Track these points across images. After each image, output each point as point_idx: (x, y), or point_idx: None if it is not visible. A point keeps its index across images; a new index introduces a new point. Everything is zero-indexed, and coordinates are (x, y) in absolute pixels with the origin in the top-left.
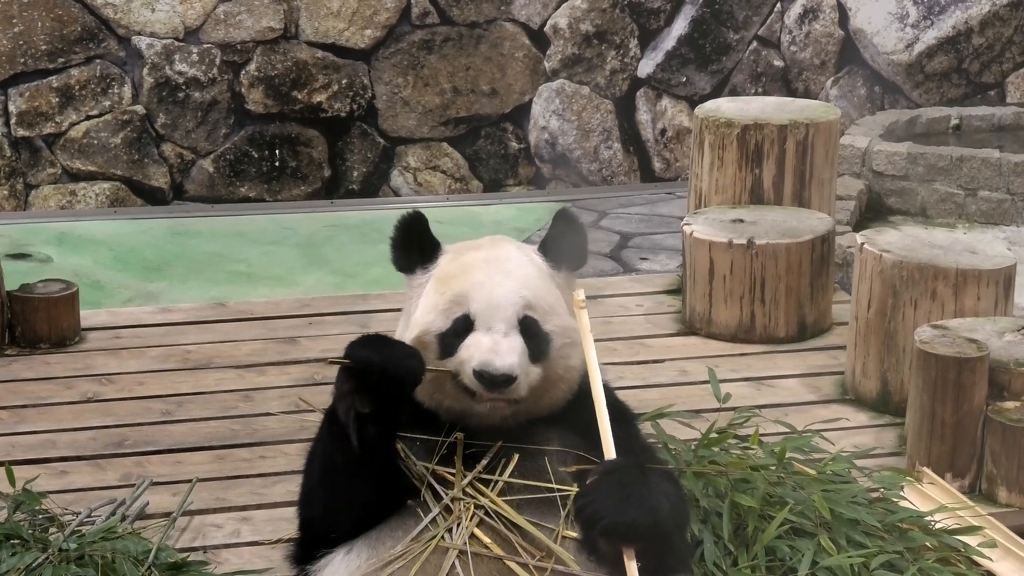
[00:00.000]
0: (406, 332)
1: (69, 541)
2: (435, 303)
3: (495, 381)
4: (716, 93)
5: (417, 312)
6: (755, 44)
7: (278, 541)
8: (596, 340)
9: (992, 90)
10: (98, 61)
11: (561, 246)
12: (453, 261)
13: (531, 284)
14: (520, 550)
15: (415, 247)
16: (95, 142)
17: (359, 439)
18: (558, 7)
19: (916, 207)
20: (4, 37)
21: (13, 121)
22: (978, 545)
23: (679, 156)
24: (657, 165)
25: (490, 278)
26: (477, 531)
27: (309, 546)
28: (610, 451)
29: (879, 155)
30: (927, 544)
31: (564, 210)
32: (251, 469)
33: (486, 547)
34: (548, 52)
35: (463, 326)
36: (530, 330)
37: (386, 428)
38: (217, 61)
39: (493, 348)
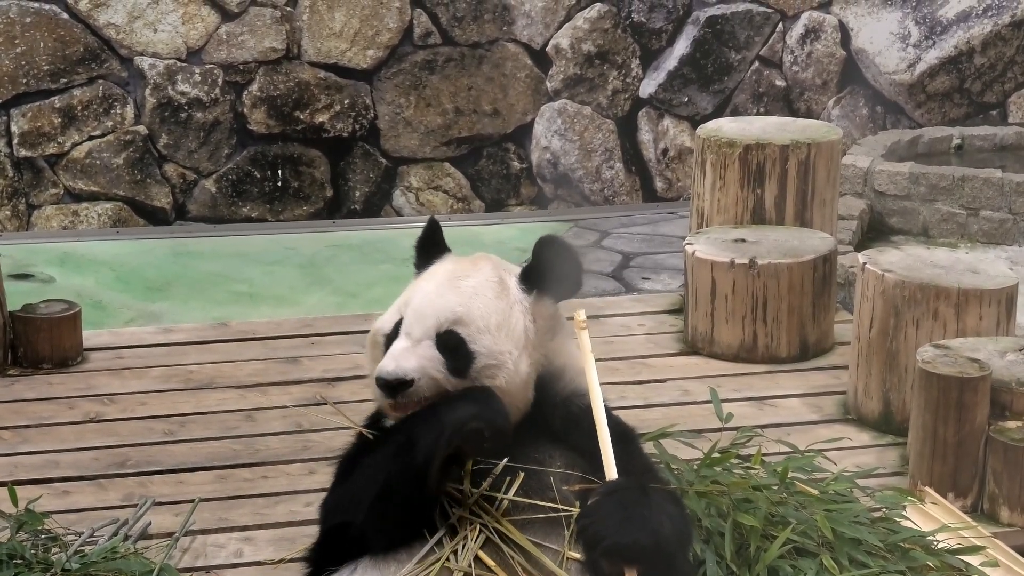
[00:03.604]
0: None
1: (72, 561)
2: (395, 304)
3: (389, 385)
4: (718, 113)
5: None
6: (757, 64)
7: (280, 561)
8: (598, 360)
9: (994, 110)
10: (100, 81)
11: (540, 273)
12: (433, 268)
13: (474, 302)
14: (524, 573)
15: (423, 250)
16: (97, 162)
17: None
18: (560, 27)
19: (918, 227)
20: (6, 58)
21: (16, 141)
22: (980, 565)
23: (681, 176)
24: (659, 185)
25: (434, 288)
26: (481, 553)
27: (322, 561)
28: (611, 471)
29: (881, 175)
30: (929, 564)
31: (547, 237)
32: (253, 489)
33: (490, 570)
34: (550, 72)
35: (397, 330)
36: (449, 344)
37: (455, 468)
38: (219, 81)
39: (392, 354)
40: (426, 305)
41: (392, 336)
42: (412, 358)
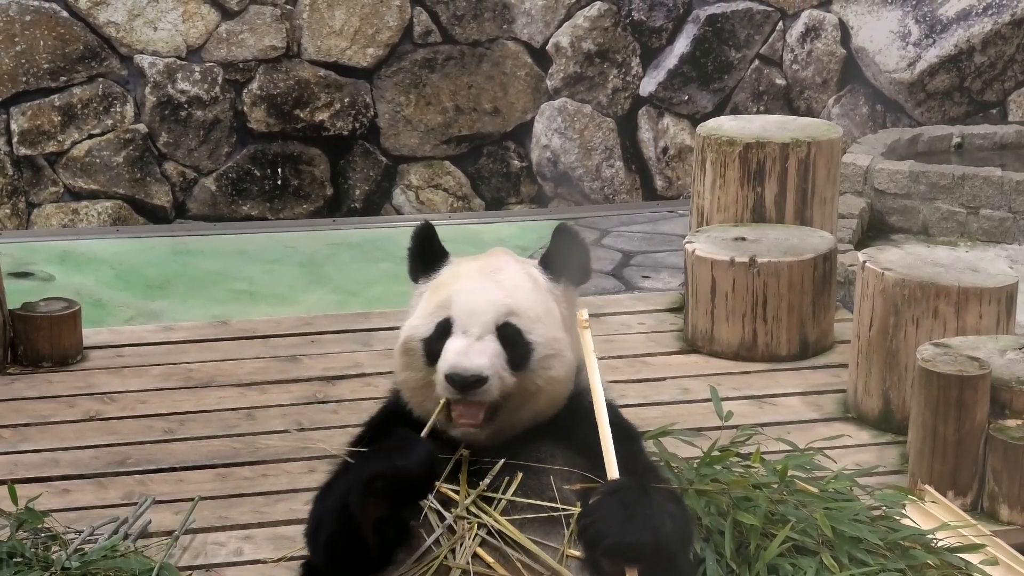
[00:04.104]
0: None
1: (72, 560)
2: (423, 309)
3: (465, 383)
4: (718, 111)
5: (409, 319)
6: (757, 63)
7: (280, 559)
8: (597, 358)
9: (994, 108)
10: (100, 80)
11: (561, 260)
12: (450, 271)
13: (518, 294)
14: (523, 570)
15: (421, 256)
16: (97, 161)
17: (377, 540)
18: (560, 26)
19: (918, 225)
20: (6, 56)
21: (15, 140)
22: (980, 563)
23: (681, 174)
24: (659, 183)
25: (475, 284)
26: (480, 551)
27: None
28: (613, 471)
29: (881, 173)
30: (929, 562)
31: (564, 225)
32: (253, 487)
33: (490, 567)
34: (550, 70)
35: (444, 330)
36: (509, 337)
37: (398, 519)
38: (219, 80)
39: (462, 350)
40: (478, 301)
41: (434, 340)
42: (483, 355)
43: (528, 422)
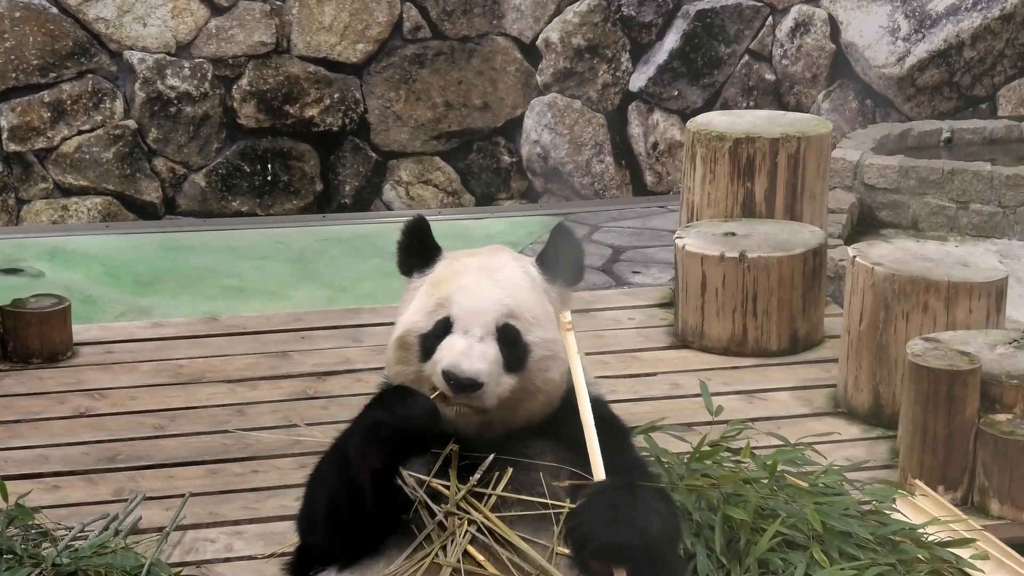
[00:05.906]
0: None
1: (62, 556)
2: (422, 305)
3: (460, 384)
4: (708, 107)
5: (405, 314)
6: (747, 58)
7: (271, 555)
8: (588, 353)
9: (983, 103)
10: (90, 76)
11: (558, 260)
12: (448, 266)
13: (518, 294)
14: (513, 568)
15: (415, 251)
16: (87, 157)
17: (373, 494)
18: (550, 21)
19: (908, 220)
20: None
21: (5, 136)
22: (970, 557)
23: (671, 170)
24: (649, 179)
25: (476, 283)
26: (470, 548)
27: (305, 562)
28: (599, 472)
29: (871, 168)
30: (919, 556)
31: (561, 224)
32: (244, 484)
33: (480, 565)
34: (540, 66)
35: (443, 328)
36: (509, 338)
37: (395, 475)
38: (209, 76)
39: (464, 351)
40: (480, 300)
41: (432, 336)
42: (483, 360)
43: (523, 421)
